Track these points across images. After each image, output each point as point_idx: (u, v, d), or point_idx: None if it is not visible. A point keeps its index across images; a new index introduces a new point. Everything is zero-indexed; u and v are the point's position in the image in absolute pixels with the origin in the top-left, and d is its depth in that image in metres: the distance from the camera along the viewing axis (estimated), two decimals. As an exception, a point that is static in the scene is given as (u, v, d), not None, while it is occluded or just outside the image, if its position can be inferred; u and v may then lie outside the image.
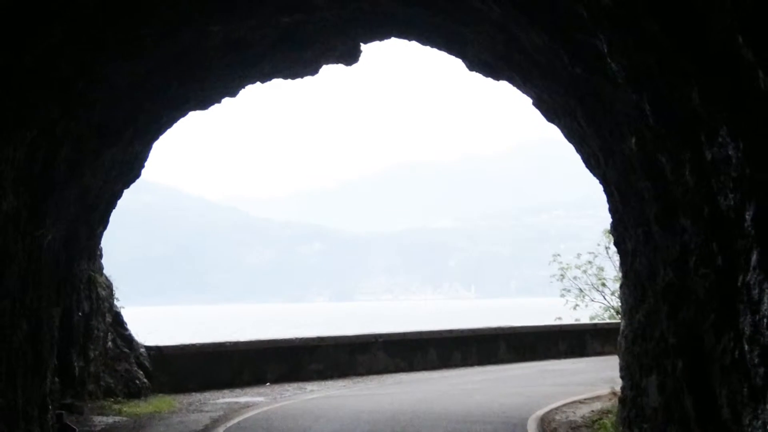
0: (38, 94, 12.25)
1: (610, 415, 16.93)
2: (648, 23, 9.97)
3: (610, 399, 18.34)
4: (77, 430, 16.77)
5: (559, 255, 37.00)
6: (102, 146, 16.40)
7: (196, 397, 22.06)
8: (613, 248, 18.92)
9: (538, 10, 12.35)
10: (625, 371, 15.53)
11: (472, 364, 29.94)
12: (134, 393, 21.26)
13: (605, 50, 11.29)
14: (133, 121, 16.85)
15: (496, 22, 13.65)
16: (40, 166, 13.73)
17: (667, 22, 9.66)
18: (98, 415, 18.65)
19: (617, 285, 23.56)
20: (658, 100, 10.98)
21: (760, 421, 9.42)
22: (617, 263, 19.61)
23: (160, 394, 21.66)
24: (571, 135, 15.73)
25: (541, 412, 18.75)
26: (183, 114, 18.61)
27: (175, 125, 19.04)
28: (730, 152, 9.38)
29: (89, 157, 16.06)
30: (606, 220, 16.40)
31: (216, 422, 18.02)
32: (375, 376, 27.02)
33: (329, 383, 25.36)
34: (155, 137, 18.87)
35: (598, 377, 22.20)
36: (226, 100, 18.84)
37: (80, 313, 19.13)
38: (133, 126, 17.00)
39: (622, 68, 11.26)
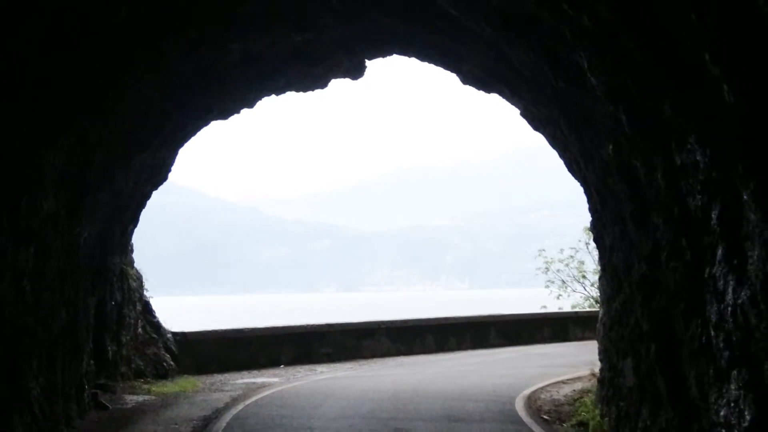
0: (74, 104, 12.27)
1: (590, 394, 16.93)
2: (624, 42, 9.98)
3: (590, 380, 18.33)
4: (110, 407, 16.80)
5: (544, 250, 36.96)
6: (132, 152, 16.42)
7: (218, 378, 22.07)
8: (593, 244, 18.91)
9: (525, 29, 12.36)
10: (604, 354, 15.53)
11: (465, 349, 29.91)
12: (162, 374, 21.28)
13: (586, 66, 11.30)
14: (160, 129, 16.86)
15: (488, 40, 13.65)
16: (76, 170, 13.75)
17: (641, 40, 9.66)
18: (129, 394, 18.68)
19: (596, 277, 23.54)
20: (633, 111, 10.98)
21: (724, 400, 9.42)
22: (596, 257, 19.60)
23: (185, 376, 21.67)
24: (555, 142, 15.73)
25: (527, 392, 18.77)
26: (206, 123, 18.63)
27: (199, 133, 19.07)
28: (698, 158, 9.39)
29: (121, 162, 16.08)
30: (586, 219, 16.40)
31: (235, 400, 18.03)
32: (378, 359, 27.02)
33: (337, 365, 25.37)
34: (181, 144, 18.88)
35: (579, 360, 22.18)
36: (245, 111, 18.87)
37: (113, 303, 19.15)
38: (160, 134, 17.02)
39: (600, 82, 11.27)
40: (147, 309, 22.44)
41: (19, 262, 11.57)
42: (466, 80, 16.46)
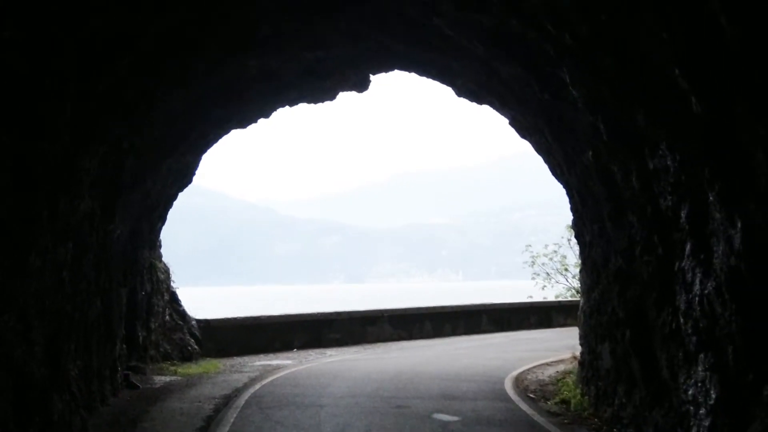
0: (109, 115, 12.28)
1: (571, 375, 16.93)
2: (602, 58, 9.98)
3: (571, 362, 18.33)
4: (140, 387, 16.81)
5: (530, 246, 36.91)
6: (160, 157, 16.42)
7: (237, 360, 22.07)
8: (574, 240, 18.92)
9: (513, 47, 12.36)
10: (584, 339, 15.54)
11: (460, 334, 29.90)
12: (187, 357, 21.29)
13: (568, 80, 11.30)
14: (185, 137, 16.86)
15: (480, 57, 13.65)
16: (110, 174, 13.75)
17: (617, 57, 9.67)
18: (158, 375, 18.69)
19: (577, 270, 23.54)
20: (611, 121, 10.99)
21: (692, 380, 9.43)
22: (577, 252, 19.58)
23: (208, 358, 21.68)
24: (540, 148, 15.73)
25: (515, 373, 18.76)
26: (226, 131, 18.62)
27: (220, 140, 19.07)
28: (668, 162, 9.40)
29: (150, 166, 16.08)
30: (568, 217, 16.40)
31: (253, 381, 18.03)
32: (381, 344, 27.01)
33: (345, 349, 25.37)
34: (204, 150, 18.88)
35: (562, 344, 22.16)
36: (262, 120, 18.87)
37: (143, 293, 19.16)
38: (185, 141, 17.02)
39: (581, 95, 11.27)
40: (173, 298, 22.45)
41: (58, 257, 11.58)
42: (460, 93, 16.46)
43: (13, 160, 9.39)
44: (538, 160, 16.15)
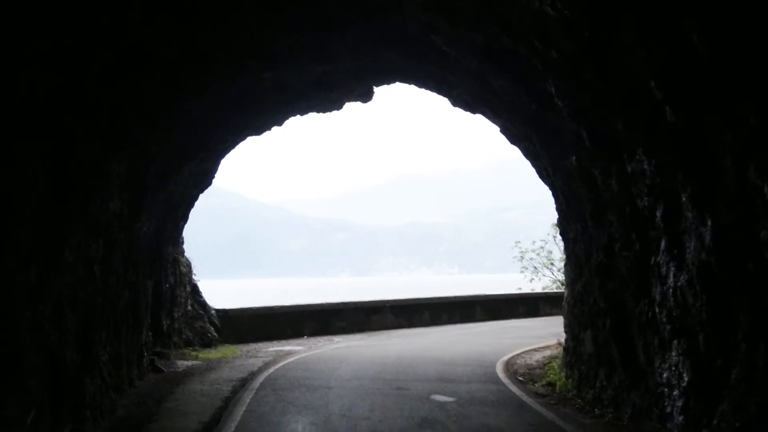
0: (135, 123, 12.30)
1: (557, 360, 16.93)
2: (585, 71, 9.99)
3: (556, 348, 18.33)
4: (165, 370, 16.84)
5: (519, 242, 36.85)
6: (182, 162, 16.43)
7: (252, 346, 22.09)
8: (559, 237, 18.89)
9: (505, 62, 12.37)
10: (568, 327, 15.55)
11: (455, 323, 29.89)
12: (207, 344, 21.31)
13: (554, 92, 11.32)
14: (205, 143, 16.87)
15: (474, 71, 13.65)
16: (137, 177, 13.77)
17: (599, 71, 9.68)
18: (180, 359, 18.72)
19: (562, 264, 23.50)
20: (593, 128, 11.00)
21: (667, 365, 9.46)
22: (562, 248, 19.54)
23: (226, 345, 21.69)
24: (528, 154, 15.74)
25: (506, 358, 18.76)
26: (242, 138, 18.62)
27: (237, 146, 19.07)
28: (645, 166, 9.42)
29: (173, 169, 16.09)
30: (554, 216, 16.40)
31: (267, 364, 18.06)
32: (384, 332, 27.01)
33: (350, 336, 25.37)
34: (222, 155, 18.88)
35: (548, 332, 22.16)
36: (275, 128, 18.87)
37: (167, 285, 19.17)
38: (205, 147, 17.02)
39: (566, 105, 11.29)
40: (195, 290, 22.47)
41: (90, 252, 11.61)
42: (455, 103, 16.45)
43: (51, 164, 9.43)
44: (527, 164, 16.16)
